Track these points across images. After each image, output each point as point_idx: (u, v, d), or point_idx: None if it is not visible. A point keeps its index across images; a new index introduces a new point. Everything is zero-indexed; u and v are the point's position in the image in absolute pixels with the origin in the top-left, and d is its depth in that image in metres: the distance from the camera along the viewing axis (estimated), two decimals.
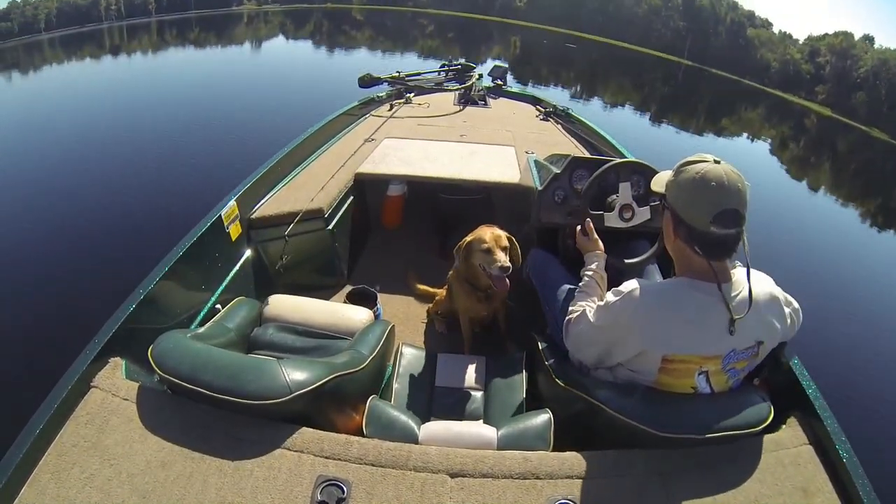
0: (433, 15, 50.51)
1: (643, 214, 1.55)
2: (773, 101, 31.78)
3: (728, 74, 39.40)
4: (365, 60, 19.07)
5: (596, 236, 1.42)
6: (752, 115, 22.50)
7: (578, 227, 1.43)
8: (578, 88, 17.79)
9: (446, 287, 1.88)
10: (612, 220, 1.54)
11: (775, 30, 48.02)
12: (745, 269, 0.98)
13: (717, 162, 0.92)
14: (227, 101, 9.98)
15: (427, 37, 33.30)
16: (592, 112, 12.56)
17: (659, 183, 1.06)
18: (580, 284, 1.31)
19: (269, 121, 7.88)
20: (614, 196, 1.56)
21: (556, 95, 13.48)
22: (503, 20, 51.60)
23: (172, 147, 6.85)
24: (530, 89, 4.41)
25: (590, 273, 1.31)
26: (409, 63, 19.17)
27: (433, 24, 41.85)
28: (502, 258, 1.47)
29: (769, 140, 15.82)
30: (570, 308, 1.21)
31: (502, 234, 1.54)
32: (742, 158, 10.88)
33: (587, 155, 2.49)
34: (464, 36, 35.41)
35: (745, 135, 15.66)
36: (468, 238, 1.57)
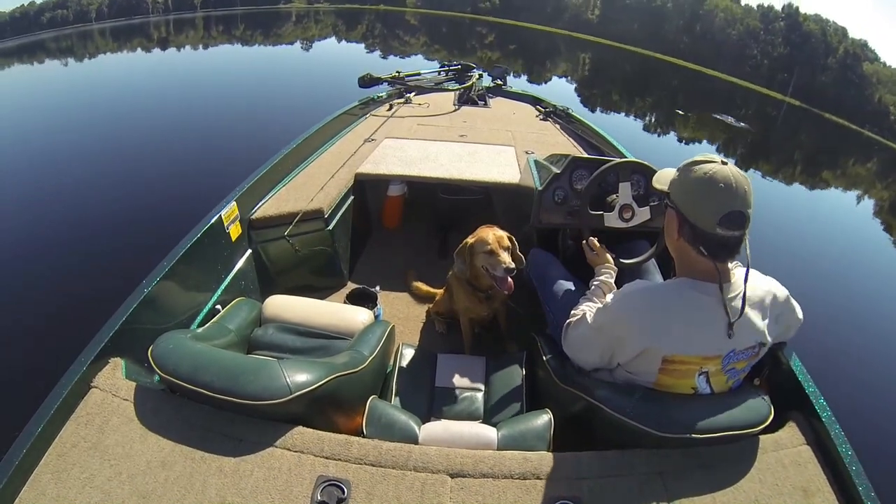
0: (493, 23, 46.72)
1: (643, 214, 1.55)
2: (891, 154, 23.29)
3: (845, 122, 29.56)
4: (366, 61, 19.05)
5: (602, 248, 1.42)
6: (862, 169, 16.76)
7: (584, 243, 1.45)
8: (652, 119, 14.70)
9: (446, 287, 1.88)
10: (612, 220, 1.54)
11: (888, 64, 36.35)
12: (745, 270, 0.98)
13: (723, 163, 0.92)
14: (228, 102, 9.99)
15: (486, 47, 29.71)
16: (663, 146, 11.13)
17: (661, 181, 1.05)
18: (587, 292, 1.31)
19: (269, 121, 7.89)
20: (614, 196, 1.56)
21: (627, 125, 12.17)
22: (572, 34, 44.64)
23: (173, 147, 6.85)
24: (531, 89, 4.40)
25: (597, 283, 1.32)
26: (409, 63, 19.15)
27: (493, 32, 38.42)
28: (506, 259, 1.47)
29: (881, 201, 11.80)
30: (572, 312, 1.21)
31: (503, 234, 1.54)
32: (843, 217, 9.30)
33: (587, 155, 2.49)
34: (527, 49, 30.68)
35: (851, 190, 12.16)
36: (469, 240, 1.57)
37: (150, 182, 5.52)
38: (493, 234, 1.51)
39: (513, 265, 1.46)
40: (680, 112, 15.64)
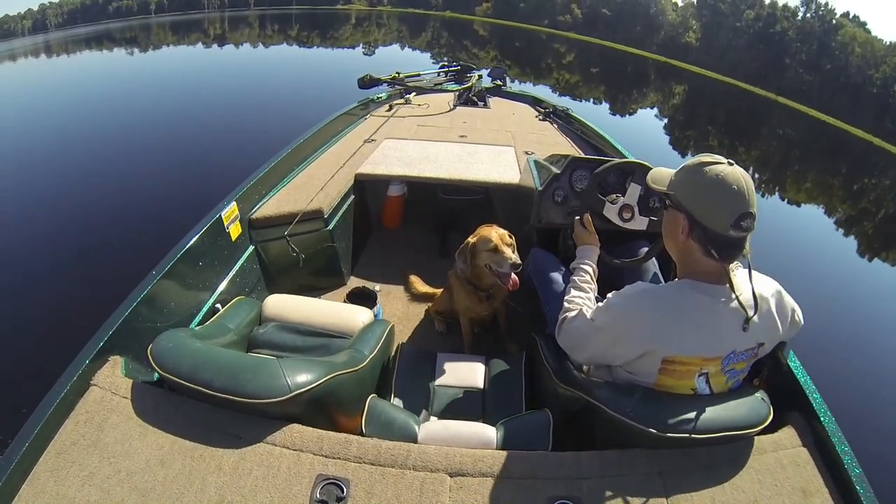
0: (574, 40, 39.69)
1: (639, 223, 1.55)
2: None
3: None
4: (366, 61, 19.04)
5: (593, 229, 1.41)
6: None
7: (577, 219, 1.43)
8: (754, 174, 10.33)
9: (446, 286, 1.88)
10: (611, 212, 1.54)
11: None
12: (745, 271, 0.98)
13: (730, 164, 0.92)
14: (228, 102, 10.00)
15: (563, 68, 24.52)
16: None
17: (659, 181, 1.05)
18: (573, 278, 1.29)
19: (269, 121, 7.90)
20: (617, 195, 1.56)
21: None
22: (665, 60, 35.95)
23: (173, 147, 6.86)
24: (530, 89, 4.39)
25: (584, 267, 1.31)
26: (409, 63, 19.16)
27: (573, 50, 32.55)
28: (511, 255, 1.48)
29: None
30: (565, 303, 1.21)
31: (504, 232, 1.55)
32: None
33: (587, 155, 2.50)
34: (612, 73, 25.69)
35: None
36: (471, 239, 1.58)
37: (151, 182, 5.52)
38: (495, 233, 1.53)
39: (518, 261, 1.47)
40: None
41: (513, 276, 1.50)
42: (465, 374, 1.53)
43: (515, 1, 52.75)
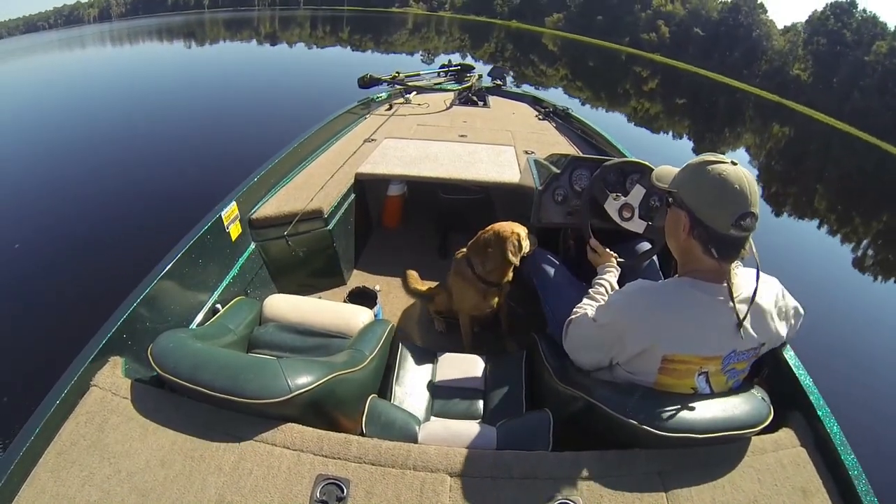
0: (659, 64, 34.26)
1: (637, 225, 1.55)
2: None
3: None
4: (366, 61, 18.99)
5: (603, 249, 1.43)
6: None
7: (588, 246, 1.46)
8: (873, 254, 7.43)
9: (445, 287, 1.88)
10: (612, 208, 1.54)
11: None
12: (746, 270, 0.98)
13: (733, 163, 0.92)
14: (228, 102, 9.99)
15: (644, 95, 20.15)
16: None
17: (663, 179, 1.05)
18: (590, 290, 1.31)
19: (269, 121, 7.89)
20: (618, 194, 1.56)
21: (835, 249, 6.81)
22: (771, 97, 28.63)
23: (173, 147, 6.86)
24: (530, 89, 4.38)
25: (601, 281, 1.32)
26: (409, 63, 19.10)
27: (657, 75, 27.81)
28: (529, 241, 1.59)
29: None
30: (574, 310, 1.21)
31: (516, 225, 1.61)
32: None
33: (587, 155, 2.50)
34: (701, 105, 20.93)
35: None
36: (494, 231, 1.60)
37: (151, 181, 5.52)
38: (515, 228, 1.59)
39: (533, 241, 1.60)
40: None
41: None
42: (466, 374, 1.52)
43: (592, 13, 47.42)
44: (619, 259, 1.46)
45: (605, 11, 47.51)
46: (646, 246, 1.64)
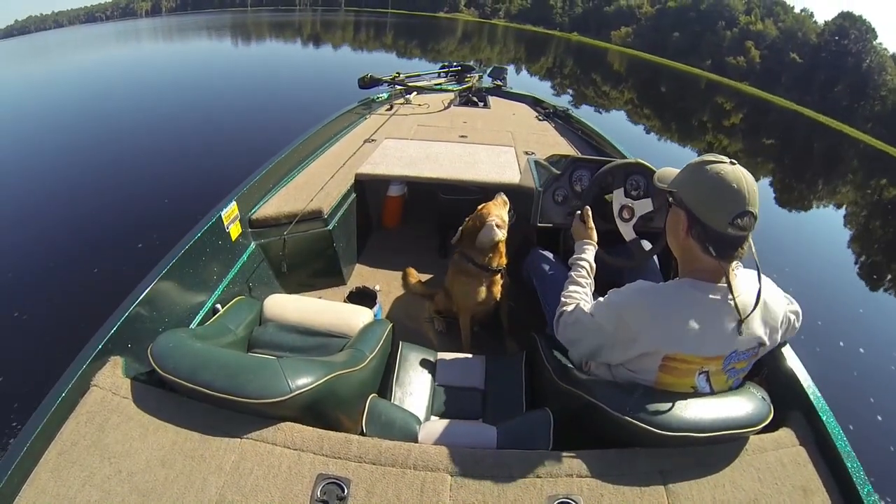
0: (747, 96, 27.87)
1: (644, 206, 1.55)
2: None
3: None
4: (366, 61, 18.96)
5: (592, 224, 1.41)
6: None
7: (577, 213, 1.43)
8: None
9: (444, 286, 1.88)
10: (617, 200, 1.56)
11: None
12: (745, 271, 0.98)
13: (732, 163, 0.93)
14: (229, 102, 9.99)
15: (723, 130, 15.94)
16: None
17: (664, 179, 1.06)
18: (570, 273, 1.29)
19: (270, 122, 7.90)
20: (610, 195, 1.57)
21: None
22: (883, 147, 21.62)
23: (173, 147, 6.86)
24: (530, 90, 4.36)
25: (580, 262, 1.31)
26: (409, 64, 19.08)
27: (742, 108, 22.41)
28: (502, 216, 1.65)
29: None
30: (563, 297, 1.21)
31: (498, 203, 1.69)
32: None
33: (587, 155, 2.50)
34: (792, 147, 16.44)
35: None
36: (474, 218, 1.67)
37: (151, 181, 5.52)
38: (494, 206, 1.67)
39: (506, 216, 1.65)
40: None
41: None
42: (466, 373, 1.53)
43: (667, 28, 39.70)
44: (616, 258, 1.46)
45: (683, 27, 39.44)
46: (647, 245, 1.64)
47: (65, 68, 18.36)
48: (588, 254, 1.33)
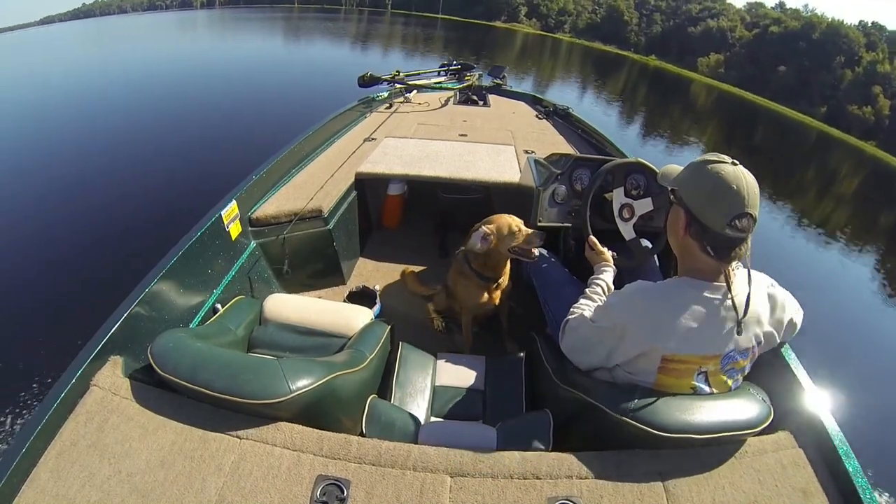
0: (870, 156, 21.16)
1: (644, 206, 1.55)
2: None
3: None
4: (366, 61, 18.88)
5: (602, 248, 1.43)
6: None
7: (586, 244, 1.46)
8: None
9: (444, 286, 1.88)
10: (616, 200, 1.56)
11: None
12: (745, 271, 0.98)
13: (734, 164, 0.93)
14: (228, 101, 9.97)
15: (827, 193, 11.92)
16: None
17: (667, 178, 1.06)
18: (587, 290, 1.31)
19: (270, 120, 7.89)
20: (610, 194, 1.57)
21: None
22: None
23: (173, 146, 6.85)
24: (530, 89, 4.36)
25: (598, 282, 1.32)
26: (409, 63, 19.01)
27: (862, 170, 17.69)
28: (530, 232, 1.53)
29: None
30: (571, 310, 1.22)
31: (515, 218, 1.59)
32: None
33: (587, 154, 2.50)
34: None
35: None
36: (489, 227, 1.59)
37: (151, 181, 5.52)
38: (508, 218, 1.57)
39: (540, 232, 1.53)
40: None
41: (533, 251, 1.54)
42: (465, 374, 1.53)
43: (768, 60, 29.77)
44: (616, 257, 1.47)
45: (789, 60, 29.25)
46: (647, 245, 1.64)
47: (73, 59, 18.25)
48: (606, 275, 1.35)
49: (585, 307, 1.20)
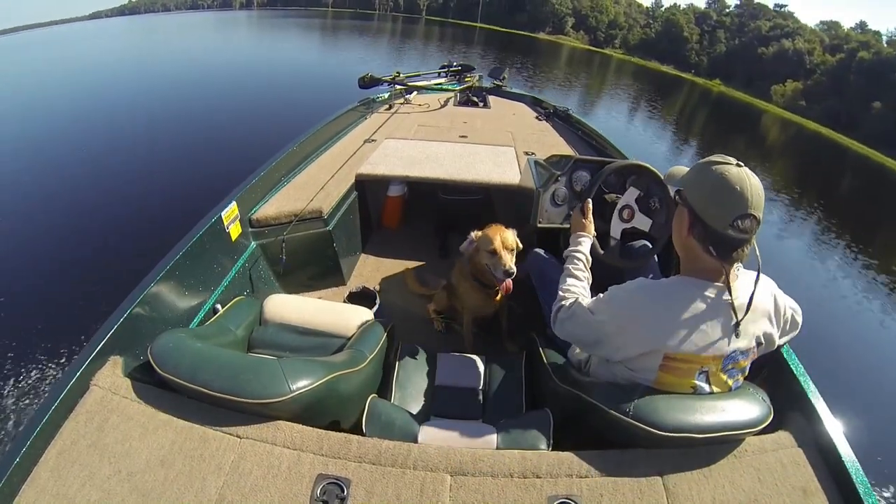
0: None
1: (642, 223, 1.56)
2: None
3: None
4: (366, 61, 18.88)
5: (591, 218, 1.41)
6: None
7: (578, 206, 1.43)
8: None
9: (446, 285, 1.88)
10: (614, 225, 1.55)
11: None
12: (747, 272, 0.98)
13: (739, 165, 0.93)
14: (229, 102, 9.99)
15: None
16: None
17: (673, 178, 1.07)
18: (566, 266, 1.29)
19: (270, 122, 7.90)
20: (617, 196, 1.57)
21: None
22: None
23: (173, 147, 6.86)
24: (530, 90, 4.36)
25: (576, 255, 1.30)
26: (408, 64, 19.01)
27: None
28: (507, 261, 1.48)
29: None
30: (561, 291, 1.20)
31: (510, 235, 1.55)
32: None
33: (587, 156, 2.50)
34: None
35: None
36: (478, 233, 1.59)
37: (151, 181, 5.53)
38: (499, 236, 1.53)
39: (512, 268, 1.47)
40: None
41: (507, 281, 1.49)
42: (466, 373, 1.53)
43: (855, 92, 24.22)
44: (617, 258, 1.46)
45: (884, 95, 23.55)
46: (646, 245, 1.65)
47: (74, 59, 18.21)
48: (584, 245, 1.32)
49: (574, 288, 1.20)
